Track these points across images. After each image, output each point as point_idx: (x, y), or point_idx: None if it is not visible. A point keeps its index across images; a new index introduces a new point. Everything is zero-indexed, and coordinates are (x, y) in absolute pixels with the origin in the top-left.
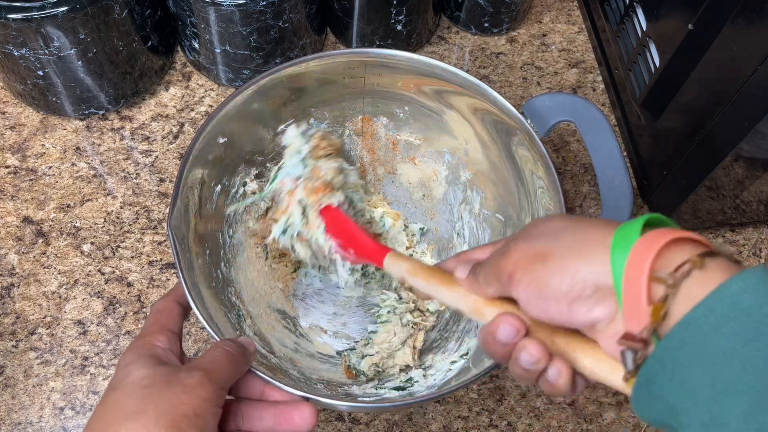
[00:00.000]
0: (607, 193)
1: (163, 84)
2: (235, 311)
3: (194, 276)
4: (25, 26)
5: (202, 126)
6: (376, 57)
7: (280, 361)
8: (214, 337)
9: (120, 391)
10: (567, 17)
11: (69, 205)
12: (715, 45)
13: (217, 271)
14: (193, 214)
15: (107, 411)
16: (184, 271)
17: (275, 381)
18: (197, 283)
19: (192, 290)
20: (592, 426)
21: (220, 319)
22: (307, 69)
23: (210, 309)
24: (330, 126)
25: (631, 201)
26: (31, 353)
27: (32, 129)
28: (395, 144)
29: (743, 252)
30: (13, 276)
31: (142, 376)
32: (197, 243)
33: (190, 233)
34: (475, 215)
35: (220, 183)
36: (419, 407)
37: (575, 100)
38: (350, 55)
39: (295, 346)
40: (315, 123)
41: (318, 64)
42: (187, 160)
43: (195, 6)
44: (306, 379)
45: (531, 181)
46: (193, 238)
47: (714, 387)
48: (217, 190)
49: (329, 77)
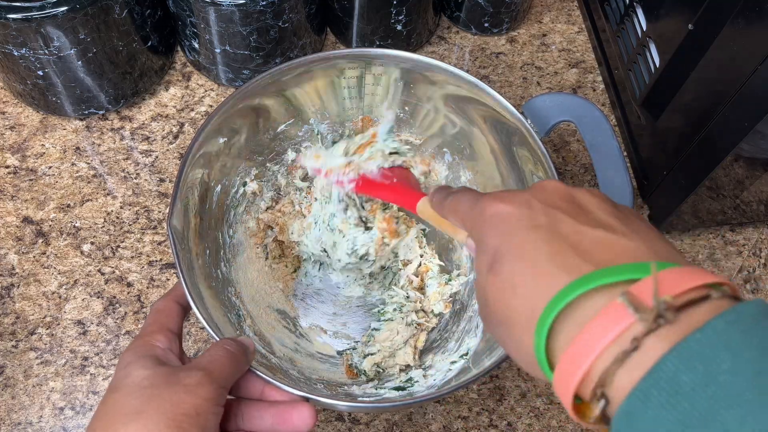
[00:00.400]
0: (608, 193)
1: (163, 84)
2: (234, 311)
3: (194, 276)
4: (25, 26)
5: (202, 125)
6: (375, 57)
7: (280, 361)
8: (214, 337)
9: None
10: (567, 17)
11: (69, 205)
12: (715, 45)
13: (216, 271)
14: (193, 213)
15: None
16: (184, 270)
17: (275, 381)
18: (197, 283)
19: (192, 290)
20: None
21: (219, 319)
22: (308, 68)
23: (210, 309)
24: (330, 126)
25: (632, 202)
26: (31, 353)
27: (32, 129)
28: None
29: (743, 252)
30: (13, 276)
31: (143, 377)
32: (197, 243)
33: (190, 233)
34: None
35: (221, 183)
36: (419, 407)
37: (575, 100)
38: (350, 55)
39: (295, 346)
40: (315, 122)
41: (318, 63)
42: (186, 160)
43: (195, 6)
44: (306, 379)
45: (531, 181)
46: (193, 237)
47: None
48: (218, 190)
49: (329, 76)
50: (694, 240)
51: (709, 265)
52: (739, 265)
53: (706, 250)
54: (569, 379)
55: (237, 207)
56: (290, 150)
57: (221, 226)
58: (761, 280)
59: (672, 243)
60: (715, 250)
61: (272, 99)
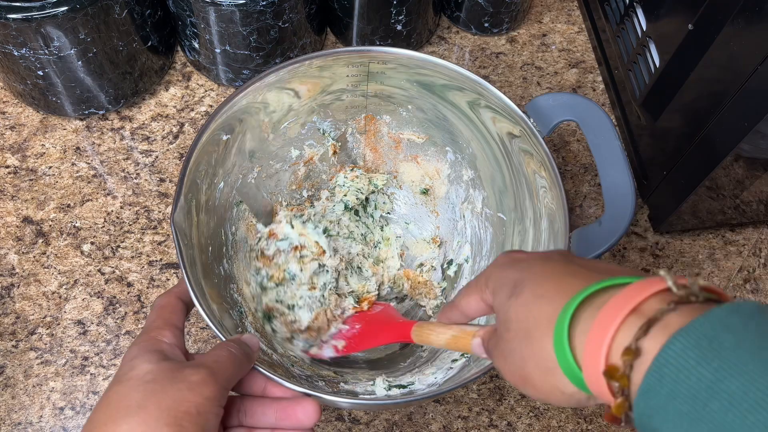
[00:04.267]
0: (610, 193)
1: (163, 84)
2: (237, 308)
3: (197, 273)
4: (25, 26)
5: (205, 123)
6: (378, 54)
7: (281, 358)
8: (217, 334)
9: (123, 385)
10: (567, 17)
11: (69, 205)
12: (715, 45)
13: (219, 268)
14: (195, 210)
15: (110, 404)
16: (187, 267)
17: (277, 378)
18: (200, 280)
19: (195, 287)
20: (591, 426)
21: (222, 315)
22: (310, 67)
23: (212, 306)
24: (333, 124)
25: (634, 201)
26: (31, 353)
27: (32, 129)
28: (398, 142)
29: (743, 252)
30: (13, 276)
31: (146, 371)
32: (200, 240)
33: (192, 230)
34: (477, 214)
35: (224, 179)
36: (419, 407)
37: (578, 99)
38: (353, 53)
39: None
40: (318, 120)
41: (321, 62)
42: (190, 157)
43: (195, 6)
44: (307, 376)
45: (533, 180)
46: (196, 234)
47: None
48: (220, 186)
49: (332, 75)
50: (694, 240)
51: (709, 265)
52: (738, 265)
53: (706, 250)
54: (602, 336)
55: (240, 204)
56: (293, 148)
57: (224, 223)
58: (761, 280)
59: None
60: (715, 250)
61: (275, 96)
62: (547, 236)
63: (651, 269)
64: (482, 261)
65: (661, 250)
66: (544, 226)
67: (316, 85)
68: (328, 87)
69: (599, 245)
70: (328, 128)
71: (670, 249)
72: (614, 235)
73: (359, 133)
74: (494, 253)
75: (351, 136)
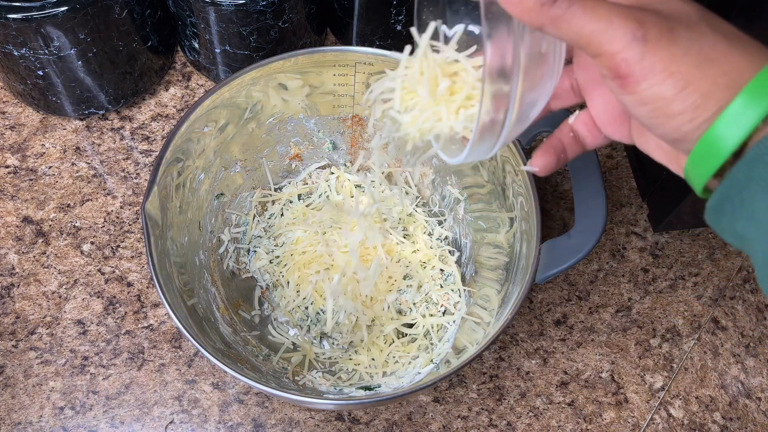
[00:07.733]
0: (582, 207)
1: (163, 84)
2: (208, 298)
3: (166, 262)
4: (25, 26)
5: (186, 113)
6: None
7: (249, 355)
8: (177, 324)
9: None
10: None
11: (69, 204)
12: None
13: (195, 258)
14: (172, 200)
15: None
16: (155, 257)
17: (241, 376)
18: (170, 270)
19: (161, 276)
20: (591, 426)
21: (186, 306)
22: (297, 64)
23: (180, 294)
24: (319, 122)
25: (605, 215)
26: (31, 353)
27: (32, 129)
28: (385, 144)
29: (743, 252)
30: (13, 276)
31: None
32: (176, 230)
33: (167, 219)
34: (458, 220)
35: (204, 171)
36: (419, 407)
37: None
38: (339, 52)
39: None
40: (304, 118)
41: (308, 59)
42: (167, 147)
43: (195, 6)
44: (274, 371)
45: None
46: (172, 224)
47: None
48: (200, 177)
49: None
50: (693, 240)
51: (708, 265)
52: (738, 265)
53: (705, 250)
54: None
55: (220, 197)
56: (279, 146)
57: (202, 214)
58: None
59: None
60: (714, 250)
61: (260, 92)
62: (520, 244)
63: (650, 269)
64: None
65: (660, 250)
66: (517, 237)
67: (302, 82)
68: (315, 85)
69: (568, 258)
70: (313, 127)
71: (669, 249)
72: (583, 248)
73: (346, 133)
74: (474, 259)
75: (338, 136)
